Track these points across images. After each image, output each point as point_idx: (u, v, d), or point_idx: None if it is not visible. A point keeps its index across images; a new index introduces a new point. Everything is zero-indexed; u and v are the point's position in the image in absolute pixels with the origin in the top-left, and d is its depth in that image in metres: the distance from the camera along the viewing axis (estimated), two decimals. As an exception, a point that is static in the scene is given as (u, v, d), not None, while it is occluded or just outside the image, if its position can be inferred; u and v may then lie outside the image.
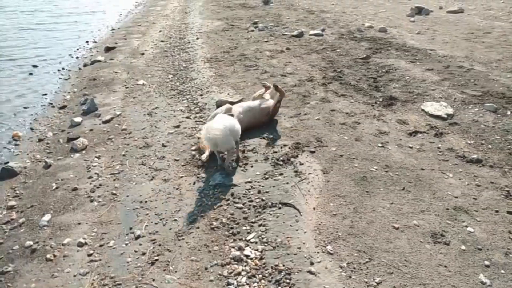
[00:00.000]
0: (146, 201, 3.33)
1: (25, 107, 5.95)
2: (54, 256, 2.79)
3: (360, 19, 10.96)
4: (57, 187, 3.65)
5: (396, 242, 2.74)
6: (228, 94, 5.56)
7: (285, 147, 4.02)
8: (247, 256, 2.66)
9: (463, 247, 2.69)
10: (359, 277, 2.46)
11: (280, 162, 3.76)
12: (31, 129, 5.17)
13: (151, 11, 14.81)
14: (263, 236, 2.83)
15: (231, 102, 4.83)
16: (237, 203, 3.22)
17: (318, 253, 2.65)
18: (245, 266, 2.59)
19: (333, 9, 12.94)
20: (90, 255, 2.78)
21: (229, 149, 3.55)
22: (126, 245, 2.85)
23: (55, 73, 7.62)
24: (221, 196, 3.31)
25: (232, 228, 2.94)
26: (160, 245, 2.83)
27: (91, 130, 4.81)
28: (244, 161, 3.81)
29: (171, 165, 3.86)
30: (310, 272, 2.49)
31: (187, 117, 4.90)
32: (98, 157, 4.12)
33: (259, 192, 3.33)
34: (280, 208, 3.11)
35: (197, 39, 9.23)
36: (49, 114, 5.62)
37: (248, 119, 4.26)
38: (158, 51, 8.44)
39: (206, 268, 2.59)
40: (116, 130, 4.74)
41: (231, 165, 3.66)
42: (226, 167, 3.60)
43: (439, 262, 2.57)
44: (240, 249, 2.73)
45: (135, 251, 2.78)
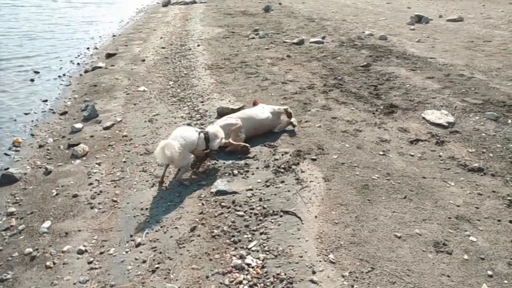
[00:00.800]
0: (147, 208, 3.31)
1: (25, 113, 5.95)
2: (54, 263, 2.77)
3: (361, 27, 11.03)
4: (57, 194, 3.63)
5: (399, 251, 2.72)
6: (229, 101, 5.57)
7: (286, 155, 4.01)
8: (248, 265, 2.64)
9: (465, 256, 2.67)
10: (361, 286, 2.44)
11: (282, 169, 3.75)
12: (32, 135, 5.16)
13: (152, 18, 14.88)
14: (264, 245, 2.81)
15: (232, 109, 4.84)
16: (238, 210, 3.20)
17: (320, 262, 2.63)
18: (247, 274, 2.57)
19: (333, 16, 13.03)
20: (90, 262, 2.76)
21: (184, 165, 3.65)
22: (127, 252, 2.83)
23: (56, 79, 7.64)
24: (222, 204, 3.30)
25: (233, 236, 2.92)
26: (161, 252, 2.81)
27: (91, 136, 4.81)
28: (245, 169, 3.80)
29: (172, 172, 3.85)
30: (312, 281, 2.47)
31: (188, 124, 4.89)
32: (99, 164, 4.11)
33: (260, 199, 3.32)
34: (281, 216, 3.10)
35: (198, 46, 9.27)
36: (49, 120, 5.61)
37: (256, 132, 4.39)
38: (159, 57, 8.46)
39: (207, 277, 2.57)
40: (117, 136, 4.73)
41: (183, 178, 3.75)
42: (178, 178, 3.70)
43: (441, 271, 2.55)
44: (242, 257, 2.71)
45: (136, 259, 2.76)
